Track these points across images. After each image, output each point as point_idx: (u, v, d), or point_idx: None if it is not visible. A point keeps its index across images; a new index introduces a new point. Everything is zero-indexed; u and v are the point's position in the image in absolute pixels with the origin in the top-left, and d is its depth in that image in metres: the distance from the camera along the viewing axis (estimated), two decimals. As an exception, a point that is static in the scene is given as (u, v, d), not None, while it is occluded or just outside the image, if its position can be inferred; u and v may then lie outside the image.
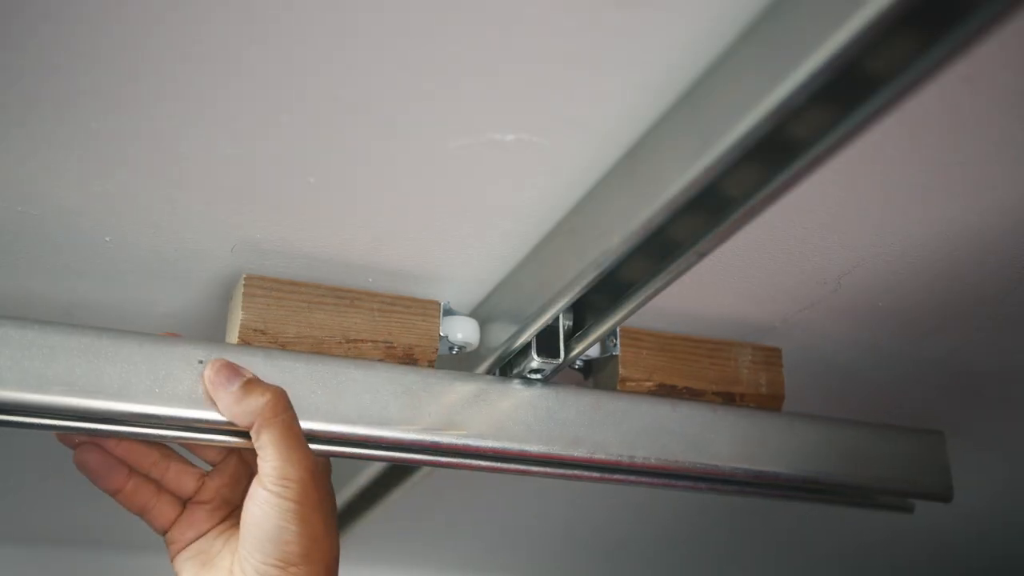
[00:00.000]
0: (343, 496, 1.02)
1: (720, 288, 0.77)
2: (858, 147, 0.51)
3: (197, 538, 0.71)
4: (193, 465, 0.73)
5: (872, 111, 0.46)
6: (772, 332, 0.83)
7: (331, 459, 0.74)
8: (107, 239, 0.70)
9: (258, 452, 0.66)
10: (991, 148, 0.62)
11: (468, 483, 1.13)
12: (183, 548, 0.71)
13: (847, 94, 0.47)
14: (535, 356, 0.74)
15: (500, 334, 0.75)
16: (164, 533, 0.72)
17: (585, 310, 0.74)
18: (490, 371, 0.78)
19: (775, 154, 0.51)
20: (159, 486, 0.71)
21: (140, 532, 0.77)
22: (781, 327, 0.82)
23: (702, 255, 0.59)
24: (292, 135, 0.60)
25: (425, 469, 0.95)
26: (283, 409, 0.67)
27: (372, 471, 0.99)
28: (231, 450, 0.73)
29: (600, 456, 0.76)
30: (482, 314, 0.78)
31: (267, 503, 0.65)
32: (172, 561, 0.71)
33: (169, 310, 0.78)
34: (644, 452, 0.77)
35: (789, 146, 0.50)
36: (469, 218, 0.68)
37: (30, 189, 0.65)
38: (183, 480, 0.72)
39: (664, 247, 0.61)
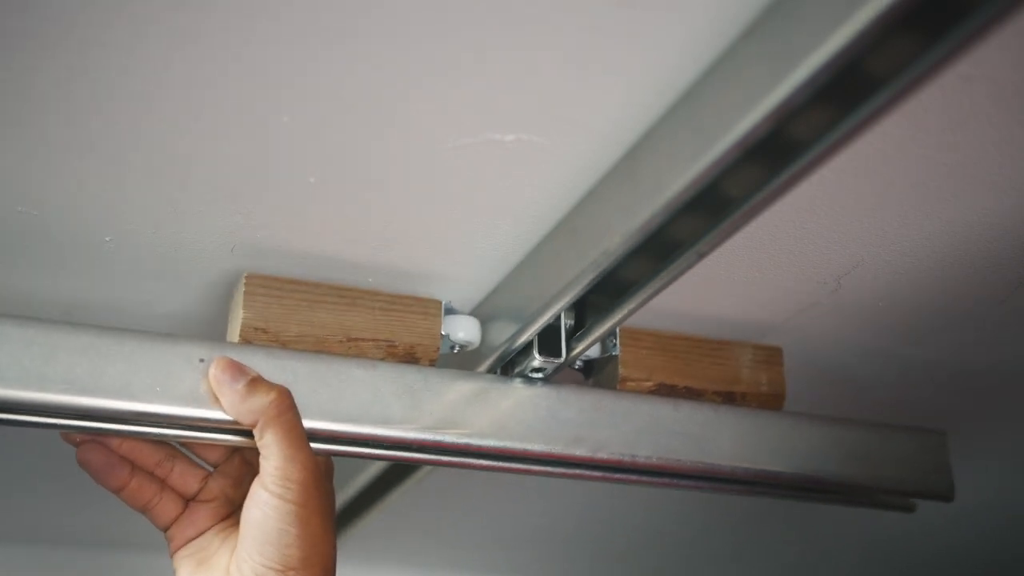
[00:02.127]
0: (342, 497, 1.02)
1: (720, 288, 0.77)
2: (858, 147, 0.51)
3: (197, 536, 0.71)
4: (198, 465, 0.73)
5: (872, 111, 0.46)
6: (773, 332, 0.83)
7: (332, 459, 0.74)
8: (107, 239, 0.70)
9: (261, 451, 0.66)
10: (991, 148, 0.62)
11: (465, 485, 1.13)
12: (183, 545, 0.71)
13: (847, 94, 0.47)
14: (537, 355, 0.73)
15: (501, 333, 0.75)
16: (165, 530, 0.72)
17: (586, 309, 0.74)
18: (491, 370, 0.78)
19: (775, 154, 0.51)
20: (163, 484, 0.72)
21: (140, 532, 0.77)
22: (782, 327, 0.82)
23: (702, 255, 0.59)
24: (292, 135, 0.60)
25: (424, 470, 0.95)
26: (287, 408, 0.67)
27: (371, 472, 0.99)
28: (234, 451, 0.73)
29: (602, 455, 0.76)
30: (483, 313, 0.78)
31: (268, 505, 0.65)
32: (171, 557, 0.72)
33: (169, 310, 0.78)
34: (646, 451, 0.77)
35: (789, 146, 0.50)
36: (469, 218, 0.68)
37: (30, 189, 0.65)
38: (187, 479, 0.72)
39: (665, 247, 0.61)
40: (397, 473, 0.99)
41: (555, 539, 1.33)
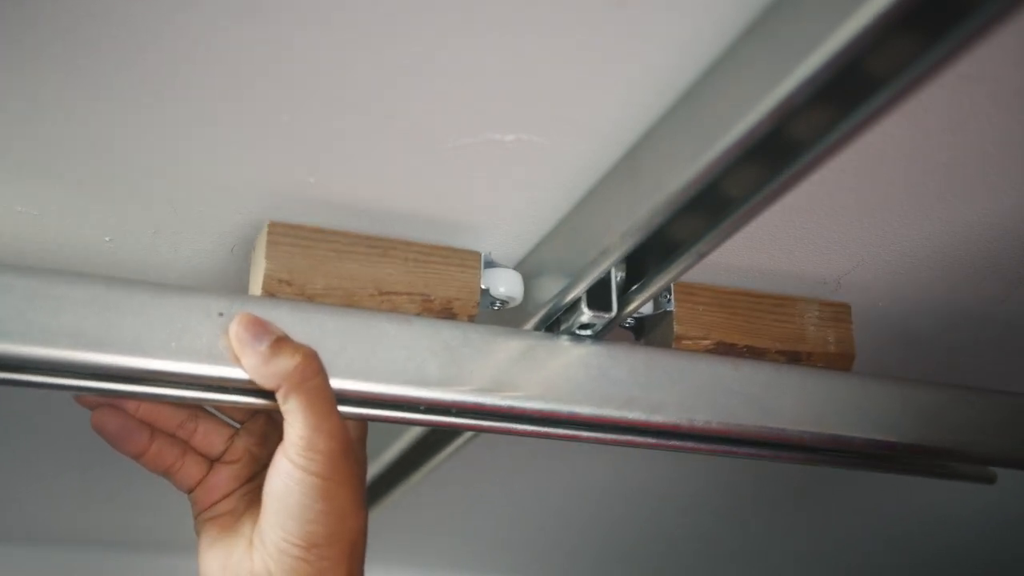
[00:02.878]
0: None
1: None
2: (858, 147, 0.52)
3: (222, 499, 0.69)
4: (223, 423, 0.70)
5: (872, 111, 0.47)
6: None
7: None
8: (107, 239, 0.69)
9: (284, 416, 0.62)
10: (991, 148, 0.62)
11: (466, 483, 1.12)
12: (207, 508, 0.68)
13: (847, 94, 0.48)
14: (586, 309, 0.68)
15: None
16: (188, 492, 0.69)
17: (639, 264, 0.70)
18: (535, 329, 0.72)
19: (775, 154, 0.52)
20: (186, 446, 0.69)
21: (140, 532, 0.74)
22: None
23: (702, 255, 0.60)
24: (292, 135, 0.60)
25: (443, 454, 0.90)
26: (315, 373, 0.63)
27: (372, 471, 0.93)
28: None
29: (657, 419, 0.71)
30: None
31: (290, 477, 0.62)
32: (195, 520, 0.69)
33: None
34: (704, 415, 0.71)
35: (789, 146, 0.51)
36: (469, 218, 0.68)
37: (30, 189, 0.65)
38: (212, 439, 0.69)
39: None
40: (398, 472, 0.96)
41: (556, 539, 1.32)
